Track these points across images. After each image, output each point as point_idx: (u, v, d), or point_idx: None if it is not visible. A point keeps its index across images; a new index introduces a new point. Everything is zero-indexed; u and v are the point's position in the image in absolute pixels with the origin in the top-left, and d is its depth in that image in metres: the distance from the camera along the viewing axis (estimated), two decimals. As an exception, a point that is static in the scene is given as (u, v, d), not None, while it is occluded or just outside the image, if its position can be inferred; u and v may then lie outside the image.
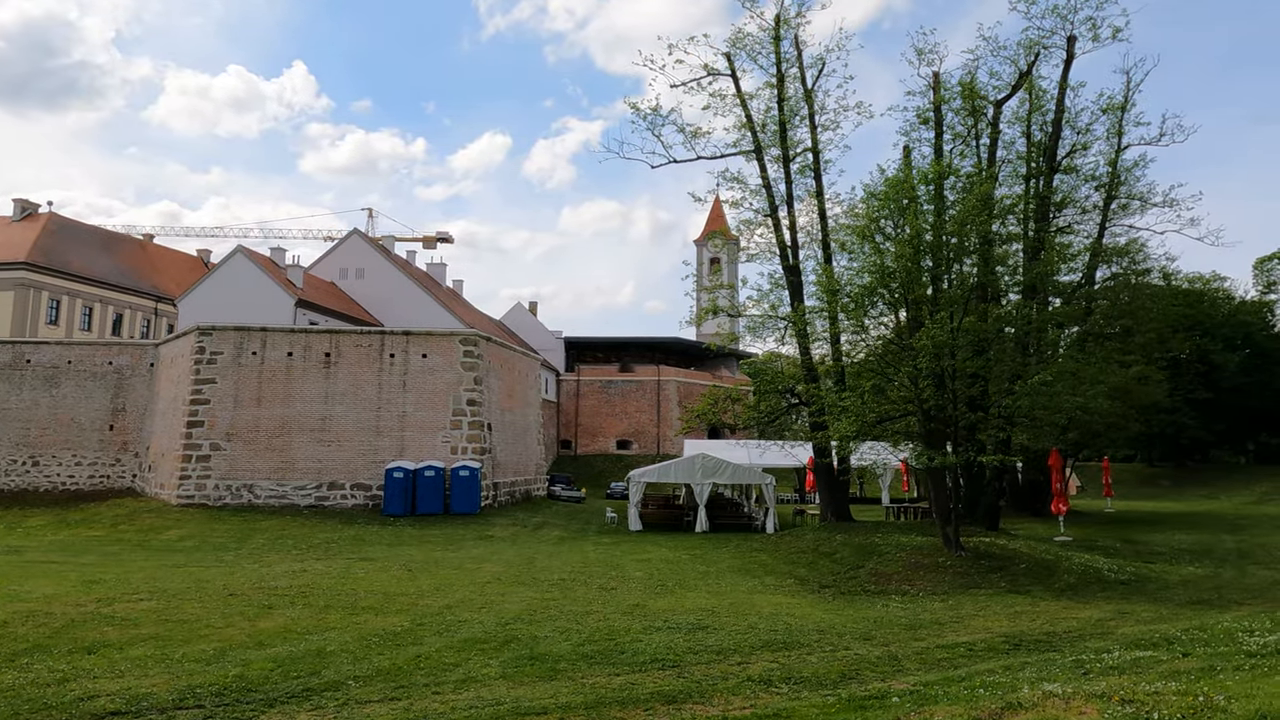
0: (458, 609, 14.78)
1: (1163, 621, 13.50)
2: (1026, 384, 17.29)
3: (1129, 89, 36.88)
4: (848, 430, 19.12)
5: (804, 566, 20.43)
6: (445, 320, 45.95)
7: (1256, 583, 18.23)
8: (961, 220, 17.69)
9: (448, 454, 31.65)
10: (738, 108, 28.88)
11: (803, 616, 14.40)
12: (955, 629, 13.46)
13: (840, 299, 19.31)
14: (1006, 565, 18.15)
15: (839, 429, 19.43)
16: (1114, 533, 30.23)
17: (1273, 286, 67.97)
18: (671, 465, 31.31)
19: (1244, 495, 51.87)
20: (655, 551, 23.61)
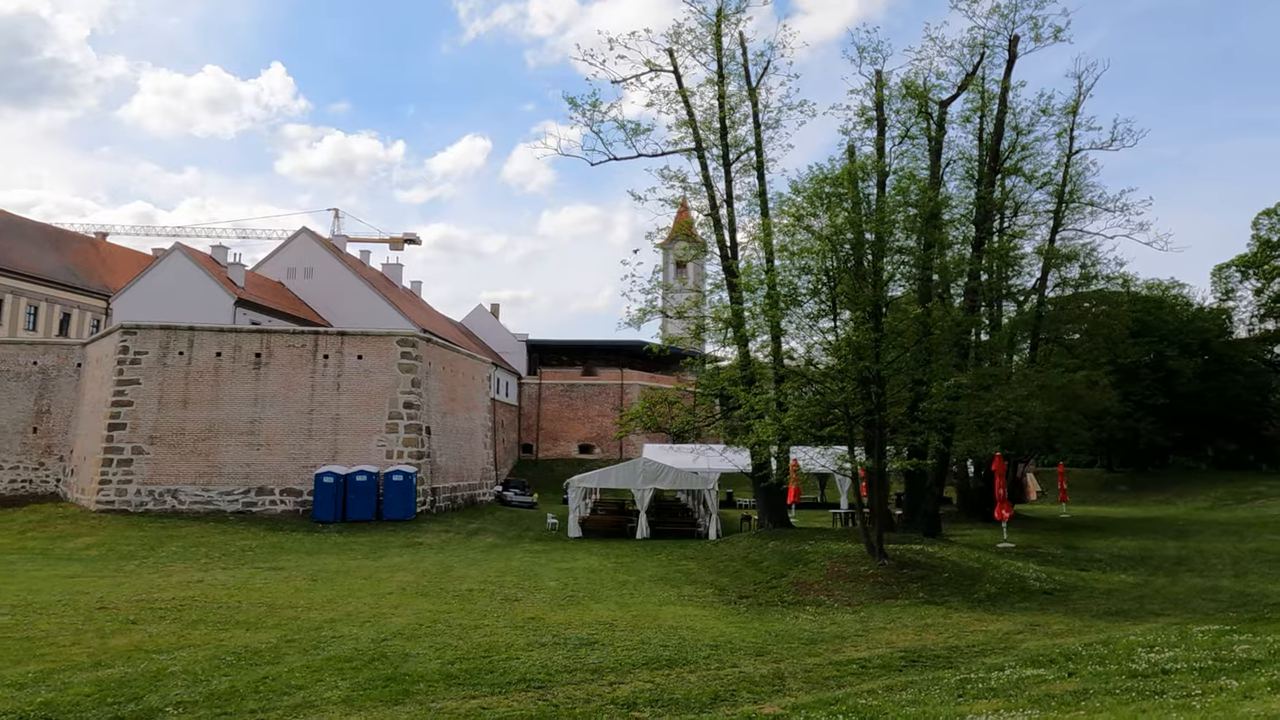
0: (340, 623, 13.94)
1: (1072, 634, 12.95)
2: (943, 387, 16.77)
3: (1080, 93, 36.74)
4: (766, 434, 18.51)
5: (728, 576, 19.76)
6: (396, 321, 44.93)
7: (1184, 591, 17.78)
8: (881, 218, 17.14)
9: (383, 458, 30.70)
10: (680, 105, 28.27)
11: (703, 630, 13.71)
12: (857, 643, 12.83)
13: (757, 297, 18.71)
14: (929, 574, 17.57)
15: (758, 433, 18.81)
16: (1060, 538, 29.86)
17: (1231, 294, 68.56)
18: (613, 471, 30.60)
19: (1199, 500, 51.93)
20: (583, 560, 22.86)
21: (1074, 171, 36.93)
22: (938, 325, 19.58)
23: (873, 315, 17.77)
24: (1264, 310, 66.65)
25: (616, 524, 31.21)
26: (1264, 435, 65.13)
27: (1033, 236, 37.92)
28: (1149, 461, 63.44)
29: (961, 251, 30.69)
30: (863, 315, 16.54)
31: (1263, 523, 35.63)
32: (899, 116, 26.90)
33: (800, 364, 18.85)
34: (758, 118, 28.26)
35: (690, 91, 28.31)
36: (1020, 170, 29.70)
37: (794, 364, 19.94)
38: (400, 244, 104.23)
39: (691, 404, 25.71)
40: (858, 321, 16.26)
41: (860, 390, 17.23)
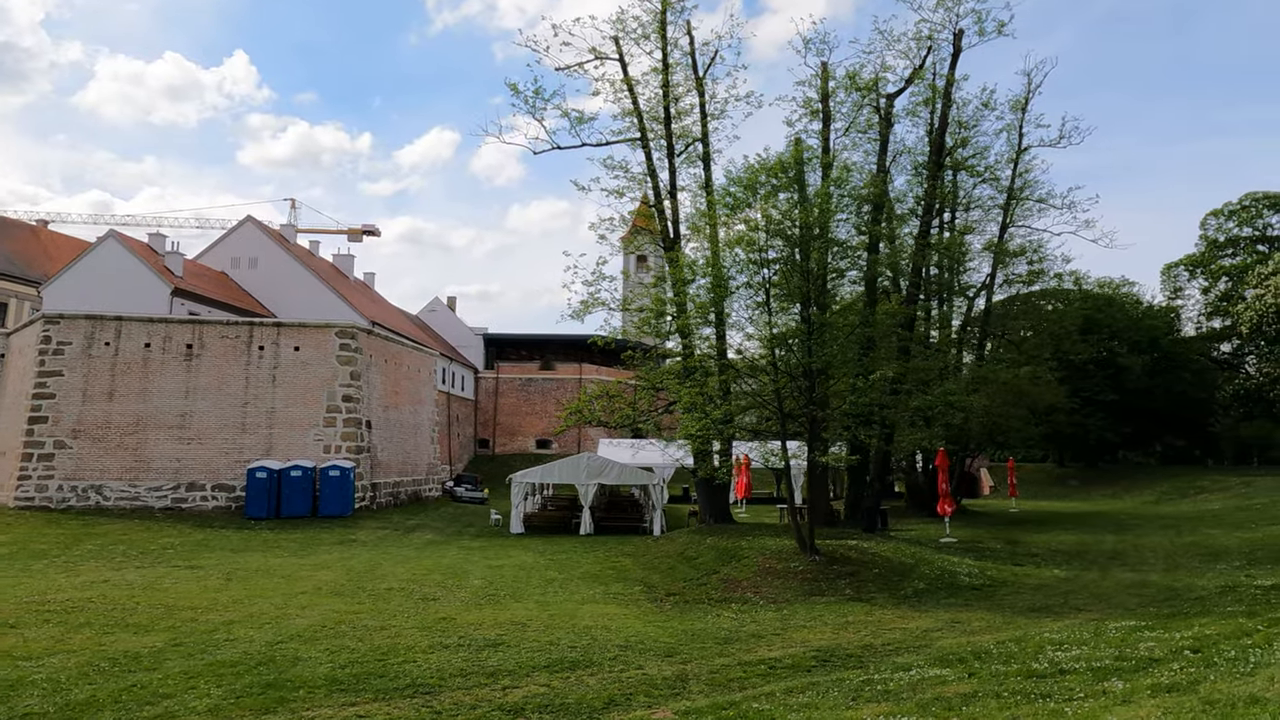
0: (239, 625, 13.30)
1: (989, 632, 12.75)
2: (869, 381, 16.55)
3: (1029, 90, 36.97)
4: (693, 428, 18.14)
5: (661, 572, 19.38)
6: (345, 313, 43.87)
7: (1112, 586, 17.76)
8: (822, 205, 16.82)
9: (320, 453, 29.87)
10: (625, 94, 27.77)
11: (618, 630, 13.30)
12: (772, 643, 12.50)
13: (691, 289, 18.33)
14: (859, 570, 17.35)
15: (685, 427, 18.44)
16: (1003, 533, 29.98)
17: (1179, 292, 69.90)
18: (556, 466, 30.10)
19: (1145, 495, 52.80)
20: (518, 557, 22.35)
21: (1023, 169, 37.18)
22: (879, 319, 19.36)
23: (804, 306, 17.48)
24: (1211, 309, 68.08)
25: (561, 520, 30.73)
26: (1210, 431, 66.48)
27: (983, 233, 38.15)
28: (1099, 457, 64.45)
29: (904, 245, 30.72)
30: (787, 306, 16.23)
31: (1200, 517, 36.20)
32: (845, 110, 26.73)
33: (739, 358, 18.48)
34: (704, 108, 27.91)
35: (636, 81, 27.86)
36: (965, 165, 29.69)
37: (738, 358, 19.62)
38: (359, 235, 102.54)
39: (632, 398, 25.31)
40: (784, 310, 15.94)
41: (791, 385, 16.94)
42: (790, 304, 16.82)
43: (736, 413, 18.13)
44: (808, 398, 17.26)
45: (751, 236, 16.55)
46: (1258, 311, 56.17)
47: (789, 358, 16.44)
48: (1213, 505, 43.26)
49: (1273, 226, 66.03)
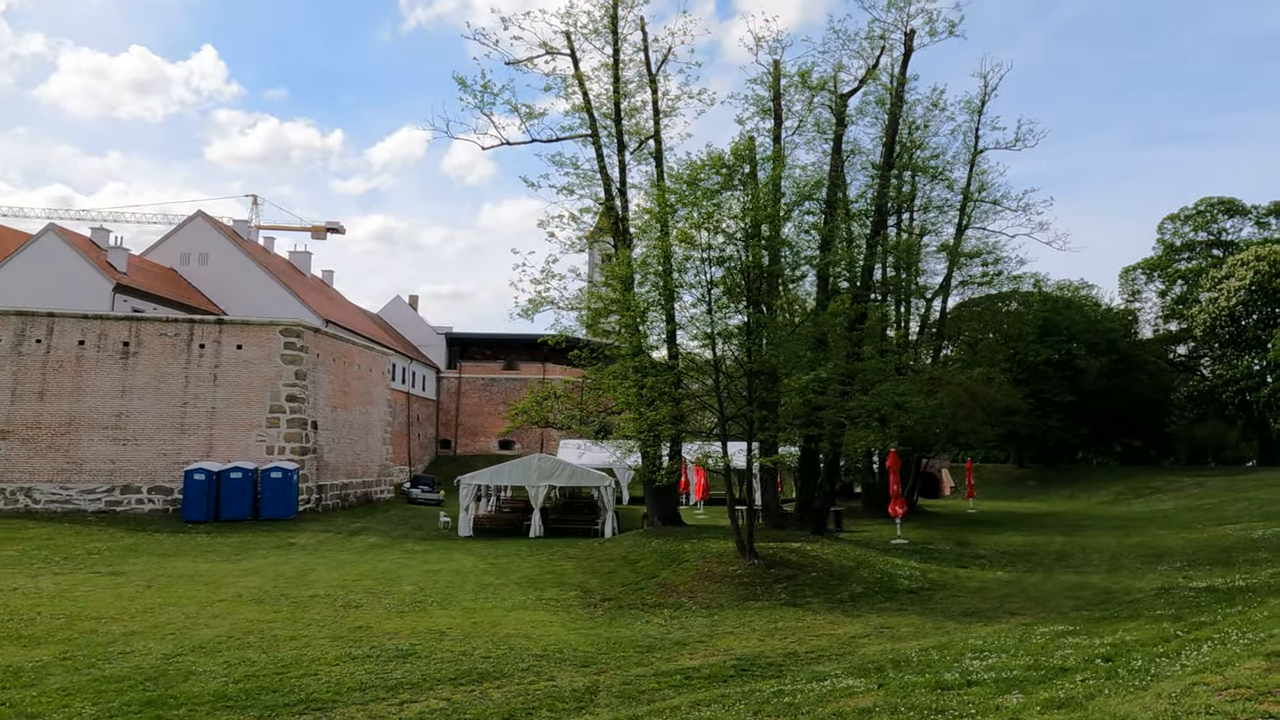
0: (141, 636, 12.67)
1: (917, 638, 12.50)
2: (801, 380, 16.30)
3: (985, 92, 37.21)
4: (630, 430, 17.79)
5: (600, 576, 18.97)
6: (298, 311, 42.91)
7: (1052, 589, 17.67)
8: (749, 207, 16.55)
9: (263, 454, 29.07)
10: (576, 90, 27.34)
11: (540, 638, 12.87)
12: (695, 650, 12.15)
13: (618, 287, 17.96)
14: (797, 574, 17.09)
15: (622, 428, 18.09)
16: (955, 534, 29.99)
17: (1137, 295, 70.95)
18: (506, 467, 29.59)
19: (1101, 496, 53.38)
20: (458, 560, 21.83)
21: (979, 170, 37.34)
22: (826, 319, 19.14)
23: (747, 305, 17.19)
24: (1167, 312, 69.18)
25: (511, 522, 30.24)
26: (1165, 432, 67.52)
27: (939, 234, 38.25)
28: (1058, 458, 65.14)
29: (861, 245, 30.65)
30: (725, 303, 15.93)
31: (1151, 518, 36.56)
32: (798, 109, 26.55)
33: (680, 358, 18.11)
34: (657, 105, 27.58)
35: (587, 76, 27.44)
36: (917, 165, 29.66)
37: (679, 358, 19.27)
38: (323, 233, 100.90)
39: (580, 398, 24.89)
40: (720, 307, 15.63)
41: (731, 385, 16.64)
42: (732, 303, 16.52)
43: (676, 413, 17.78)
44: (748, 398, 16.96)
45: (690, 233, 16.21)
46: (1211, 314, 57.12)
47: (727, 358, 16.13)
48: (1165, 505, 43.77)
49: (1227, 231, 67.28)
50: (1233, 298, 54.93)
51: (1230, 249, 64.02)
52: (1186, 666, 6.75)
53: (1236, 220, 66.35)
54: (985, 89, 36.65)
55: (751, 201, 16.56)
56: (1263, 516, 31.42)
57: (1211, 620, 11.26)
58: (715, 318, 17.32)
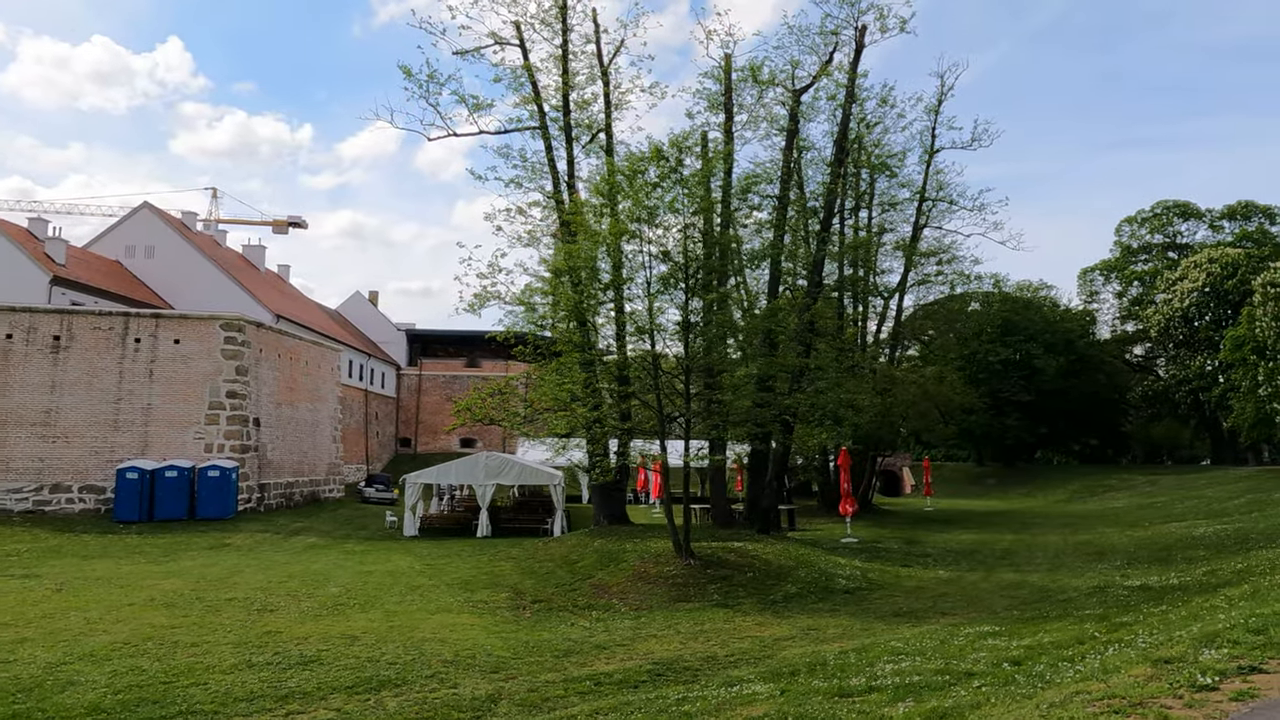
0: (32, 643, 12.01)
1: (842, 639, 12.24)
2: (732, 378, 16.00)
3: (942, 91, 37.30)
4: (560, 428, 17.40)
5: (536, 577, 18.54)
6: (248, 306, 41.89)
7: (990, 588, 17.54)
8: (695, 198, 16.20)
9: (201, 452, 28.22)
10: (526, 81, 26.82)
11: (456, 643, 12.41)
12: (614, 655, 11.77)
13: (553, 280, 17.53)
14: (733, 574, 16.78)
15: (552, 426, 17.70)
16: (906, 533, 29.95)
17: (1095, 296, 71.92)
18: (453, 466, 29.03)
19: (1058, 494, 53.94)
20: (397, 561, 21.28)
21: (935, 170, 37.44)
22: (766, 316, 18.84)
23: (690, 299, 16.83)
24: (1124, 313, 70.18)
25: (460, 522, 29.68)
26: (1121, 432, 68.49)
27: (897, 233, 38.29)
28: (1017, 456, 65.79)
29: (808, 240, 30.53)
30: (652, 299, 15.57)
31: (1102, 515, 36.88)
32: (749, 103, 26.27)
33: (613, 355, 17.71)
34: (609, 98, 27.16)
35: (537, 68, 26.93)
36: (870, 163, 29.58)
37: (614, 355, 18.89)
38: (285, 227, 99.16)
39: (525, 395, 24.40)
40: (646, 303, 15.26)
41: (668, 381, 16.29)
42: (669, 297, 16.17)
43: (619, 411, 17.41)
44: (685, 395, 16.62)
45: (625, 226, 15.82)
46: (1165, 316, 57.97)
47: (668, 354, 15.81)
48: (1118, 504, 44.25)
49: (1182, 234, 68.39)
50: (1186, 299, 55.79)
51: (1185, 251, 65.06)
52: (1080, 673, 6.50)
53: (1191, 223, 67.49)
54: (942, 89, 36.76)
55: (688, 193, 16.21)
56: (1208, 514, 31.80)
57: (1133, 620, 11.11)
58: (653, 311, 16.94)
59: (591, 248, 16.24)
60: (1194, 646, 6.24)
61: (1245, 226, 63.85)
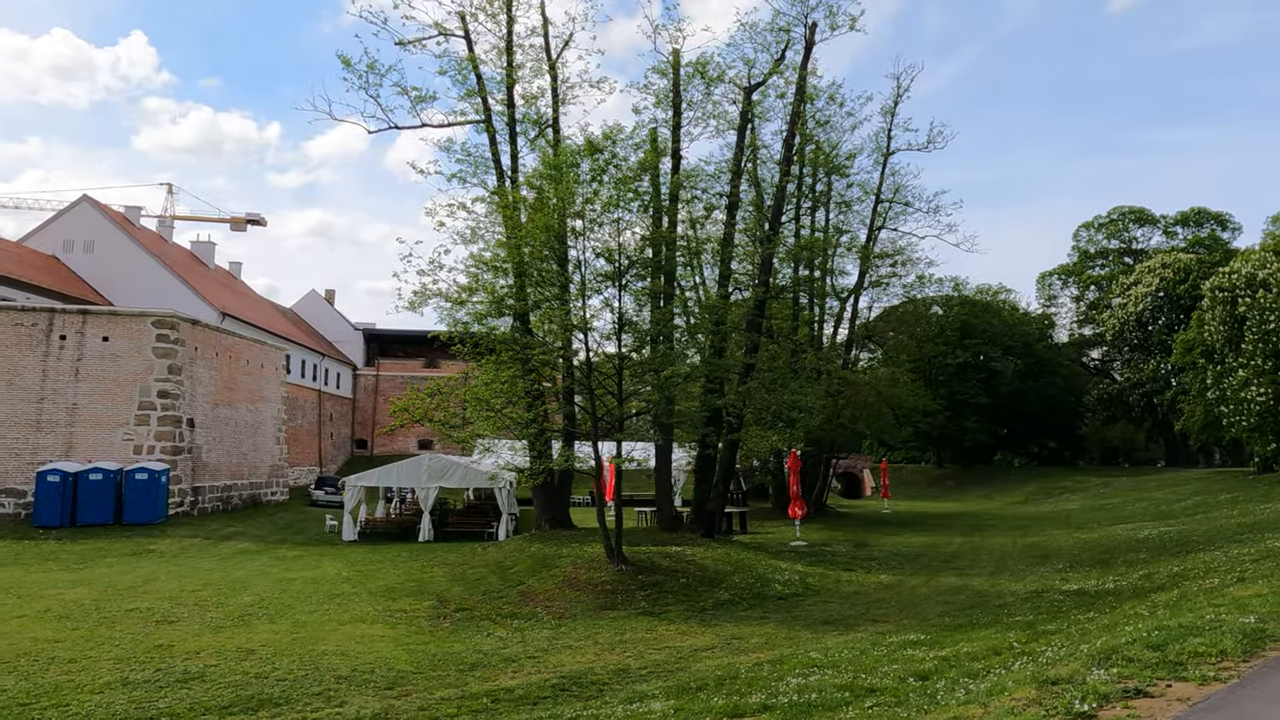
0: (-107, 660, 11.13)
1: (764, 649, 11.77)
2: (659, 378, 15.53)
3: (898, 93, 37.20)
4: (483, 429, 16.81)
5: (466, 584, 17.86)
6: (192, 304, 40.58)
7: (930, 592, 17.24)
8: (600, 197, 15.66)
9: (130, 453, 27.11)
10: (471, 73, 26.12)
11: (357, 656, 11.74)
12: (522, 668, 11.19)
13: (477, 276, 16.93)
14: (665, 581, 16.27)
15: (475, 427, 17.09)
16: (857, 535, 29.70)
17: (1053, 300, 72.72)
18: (395, 468, 28.22)
19: (1014, 495, 54.28)
20: (326, 567, 20.48)
21: (891, 171, 37.35)
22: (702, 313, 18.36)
23: (620, 298, 16.32)
24: (1082, 317, 71.05)
25: (402, 526, 28.87)
26: (1078, 434, 69.24)
27: (855, 235, 38.15)
28: (976, 458, 66.19)
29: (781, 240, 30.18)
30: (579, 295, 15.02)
31: (1053, 517, 37.00)
32: (700, 100, 25.83)
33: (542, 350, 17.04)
34: (556, 92, 26.56)
35: (482, 60, 26.26)
36: (823, 162, 29.31)
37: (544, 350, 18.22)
38: (243, 225, 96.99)
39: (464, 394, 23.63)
40: (565, 302, 14.69)
41: (598, 380, 15.76)
42: (597, 292, 15.65)
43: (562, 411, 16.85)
44: (619, 395, 16.08)
45: (550, 219, 15.25)
46: (1120, 320, 58.64)
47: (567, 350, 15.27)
48: (1072, 505, 44.51)
49: (1137, 240, 69.34)
50: (1140, 303, 56.48)
51: (1140, 256, 65.96)
52: (969, 694, 6.05)
53: (1146, 229, 68.46)
54: (899, 90, 36.65)
55: (621, 187, 15.67)
56: (1156, 516, 31.93)
57: (1055, 629, 10.76)
58: (585, 308, 16.39)
59: (523, 241, 15.63)
60: (1088, 664, 5.83)
61: (1198, 233, 64.89)
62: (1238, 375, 35.22)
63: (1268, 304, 33.97)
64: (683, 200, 24.57)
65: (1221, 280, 38.20)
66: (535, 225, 15.11)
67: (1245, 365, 34.91)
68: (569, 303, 16.29)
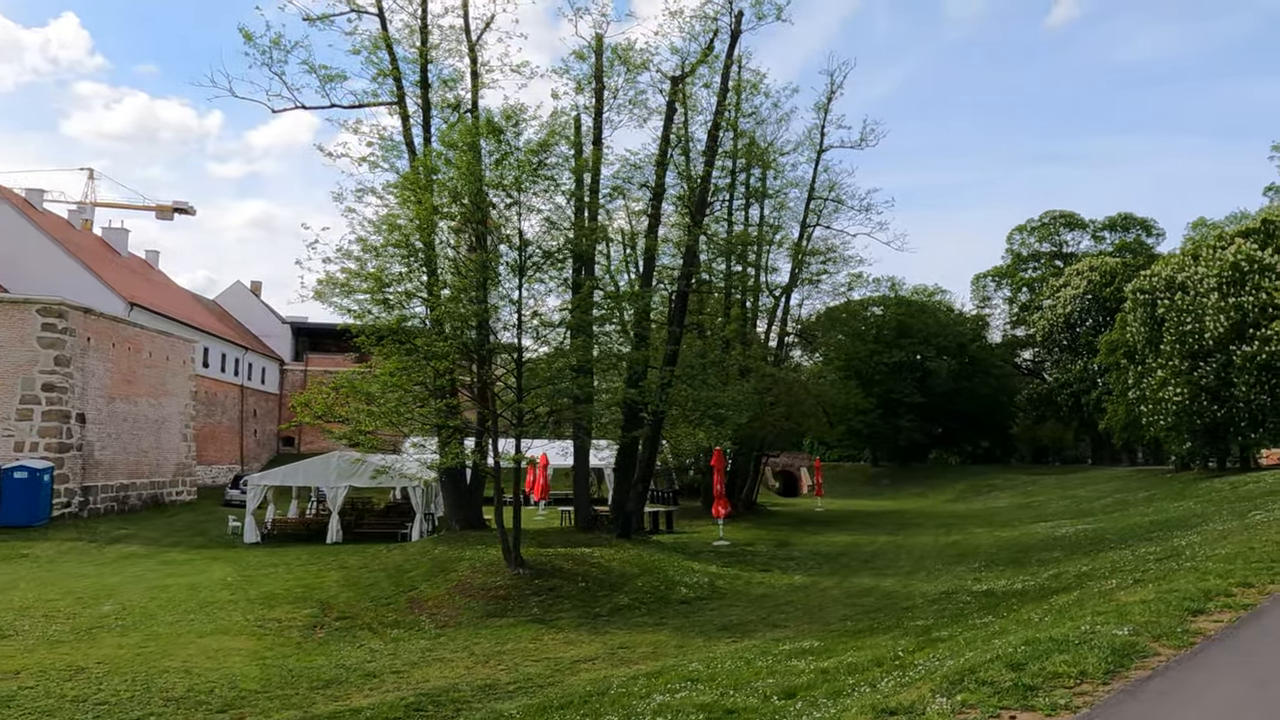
0: None
1: (647, 660, 11.07)
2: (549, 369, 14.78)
3: (831, 89, 37.02)
4: (370, 424, 15.86)
5: (356, 590, 16.78)
6: (98, 293, 38.28)
7: (838, 596, 16.76)
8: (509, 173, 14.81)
9: (10, 450, 25.27)
10: (384, 53, 24.91)
11: (206, 672, 10.68)
12: (381, 684, 10.28)
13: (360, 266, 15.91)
14: (562, 585, 15.47)
15: (361, 423, 16.13)
16: (783, 534, 29.33)
17: (987, 301, 73.97)
18: (301, 466, 26.92)
19: (946, 494, 54.83)
20: (210, 573, 19.16)
21: (823, 167, 37.17)
22: (606, 306, 17.61)
23: (520, 287, 15.45)
24: (1015, 318, 72.36)
25: (310, 527, 27.54)
26: (1010, 433, 70.51)
27: (790, 232, 37.89)
28: (911, 457, 66.88)
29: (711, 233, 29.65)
30: (471, 283, 14.16)
31: (979, 515, 37.24)
32: (623, 88, 25.07)
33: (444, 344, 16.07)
34: (476, 75, 25.52)
35: (396, 39, 25.07)
36: (749, 153, 28.85)
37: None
38: (169, 213, 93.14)
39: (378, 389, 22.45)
40: (456, 292, 13.83)
41: (482, 371, 14.91)
42: (492, 280, 14.75)
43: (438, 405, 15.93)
44: (518, 390, 15.23)
45: (430, 200, 14.30)
46: (1050, 321, 59.78)
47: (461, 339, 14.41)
48: (1000, 503, 45.04)
49: (1068, 243, 70.88)
50: (1069, 305, 57.61)
51: (1070, 260, 67.42)
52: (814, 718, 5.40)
53: (1076, 233, 70.03)
54: (832, 86, 36.45)
55: (520, 170, 14.80)
56: (1076, 514, 32.29)
57: (948, 636, 10.26)
58: (485, 299, 15.48)
59: (413, 223, 14.66)
60: (938, 689, 5.23)
61: (1124, 237, 66.57)
62: (1156, 375, 35.89)
63: (1184, 306, 34.65)
64: (613, 191, 23.84)
65: (1142, 283, 38.94)
66: (424, 207, 14.16)
67: (1163, 366, 35.58)
68: (467, 292, 15.36)
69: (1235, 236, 36.82)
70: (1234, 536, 15.18)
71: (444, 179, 14.73)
